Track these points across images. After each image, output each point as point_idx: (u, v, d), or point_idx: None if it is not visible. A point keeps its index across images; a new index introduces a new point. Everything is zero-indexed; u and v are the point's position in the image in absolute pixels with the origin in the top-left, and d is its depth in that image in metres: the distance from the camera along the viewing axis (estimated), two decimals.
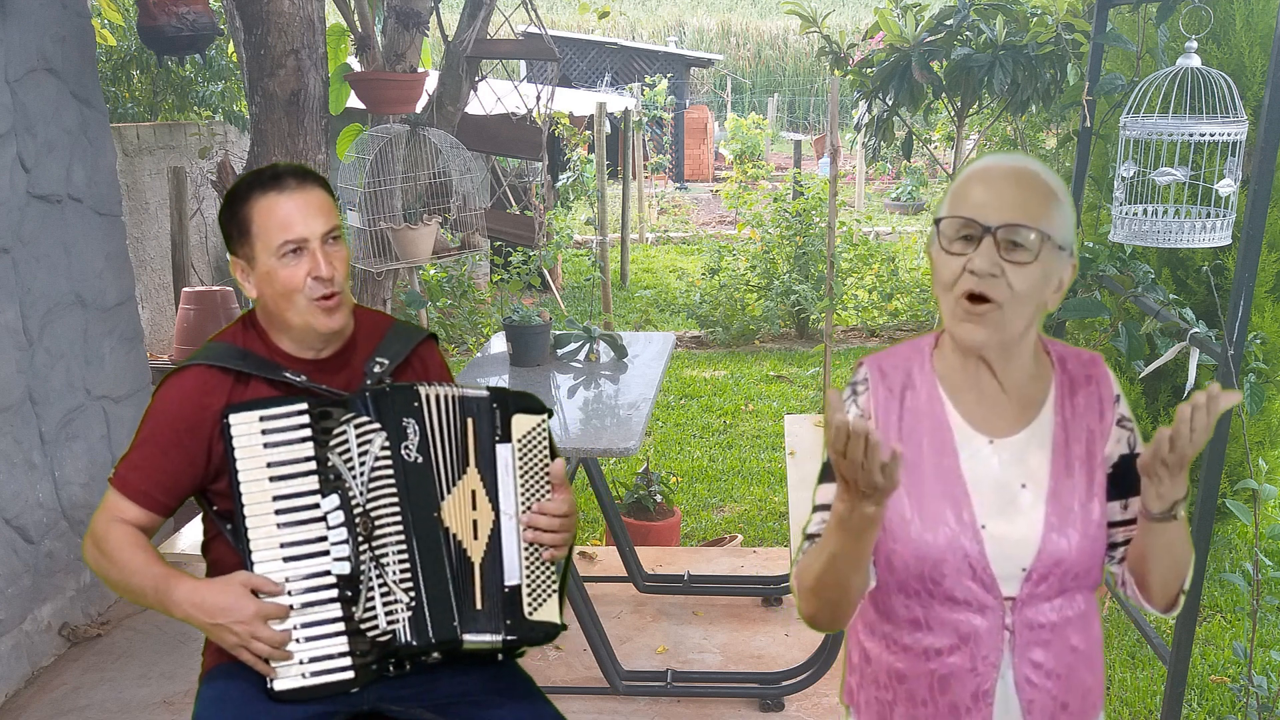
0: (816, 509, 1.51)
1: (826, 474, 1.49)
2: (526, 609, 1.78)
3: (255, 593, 1.68)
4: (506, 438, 1.78)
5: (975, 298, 1.36)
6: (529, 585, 1.78)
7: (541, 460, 1.81)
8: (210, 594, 1.69)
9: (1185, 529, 1.43)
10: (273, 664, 1.69)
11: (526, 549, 1.78)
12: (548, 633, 1.80)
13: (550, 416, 1.85)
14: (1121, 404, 1.49)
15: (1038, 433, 1.44)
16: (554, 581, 1.82)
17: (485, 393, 1.79)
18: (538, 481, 1.80)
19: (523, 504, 1.78)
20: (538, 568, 1.79)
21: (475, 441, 1.78)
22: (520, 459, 1.79)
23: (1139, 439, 1.48)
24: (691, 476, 5.23)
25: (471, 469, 1.78)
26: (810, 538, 1.50)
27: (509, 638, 1.77)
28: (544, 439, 1.82)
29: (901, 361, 1.50)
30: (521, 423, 1.80)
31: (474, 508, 1.77)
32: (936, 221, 1.40)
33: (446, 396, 1.78)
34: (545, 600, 1.80)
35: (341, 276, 1.75)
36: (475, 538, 1.77)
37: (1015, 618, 1.41)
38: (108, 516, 1.76)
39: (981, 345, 1.39)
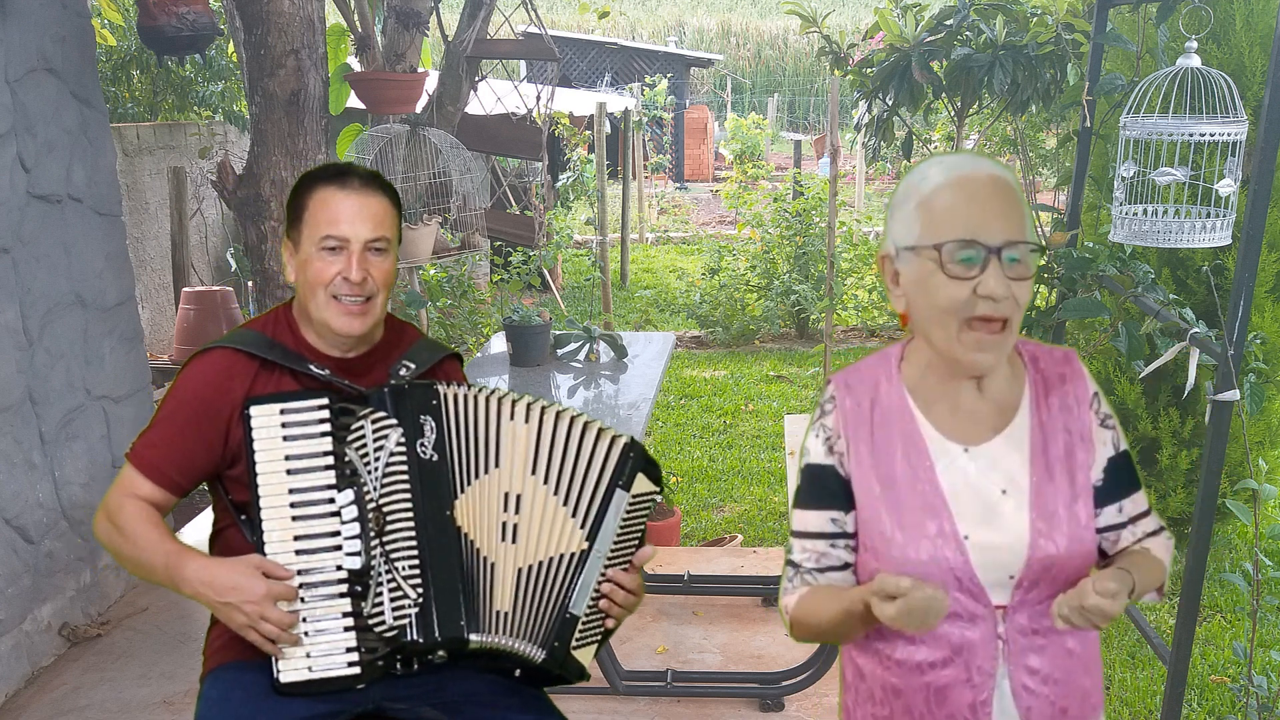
0: (797, 535, 1.49)
1: (803, 499, 1.48)
2: (574, 642, 1.77)
3: (265, 576, 1.68)
4: (627, 487, 1.78)
5: (990, 321, 1.33)
6: (584, 622, 1.77)
7: (639, 526, 1.81)
8: (221, 572, 1.68)
9: (1157, 565, 1.43)
10: (279, 647, 1.68)
11: (595, 591, 1.77)
12: (575, 671, 1.79)
13: (661, 494, 1.85)
14: (1101, 402, 1.46)
15: (1014, 437, 1.42)
16: (600, 632, 1.81)
17: (627, 438, 1.79)
18: (628, 543, 1.79)
19: (610, 552, 1.77)
20: (596, 612, 1.79)
21: (600, 474, 1.77)
22: (627, 512, 1.78)
23: (1122, 437, 1.46)
24: (691, 476, 5.23)
25: (540, 478, 1.76)
26: (794, 565, 1.48)
27: (547, 657, 1.75)
28: (649, 510, 1.82)
29: (868, 375, 1.48)
30: (642, 482, 1.79)
31: (513, 510, 1.75)
32: (937, 247, 1.34)
33: (574, 420, 1.78)
34: (589, 643, 1.79)
35: (376, 285, 1.76)
36: (508, 540, 1.75)
37: (1008, 625, 1.39)
38: (122, 491, 1.77)
39: (991, 369, 1.38)
